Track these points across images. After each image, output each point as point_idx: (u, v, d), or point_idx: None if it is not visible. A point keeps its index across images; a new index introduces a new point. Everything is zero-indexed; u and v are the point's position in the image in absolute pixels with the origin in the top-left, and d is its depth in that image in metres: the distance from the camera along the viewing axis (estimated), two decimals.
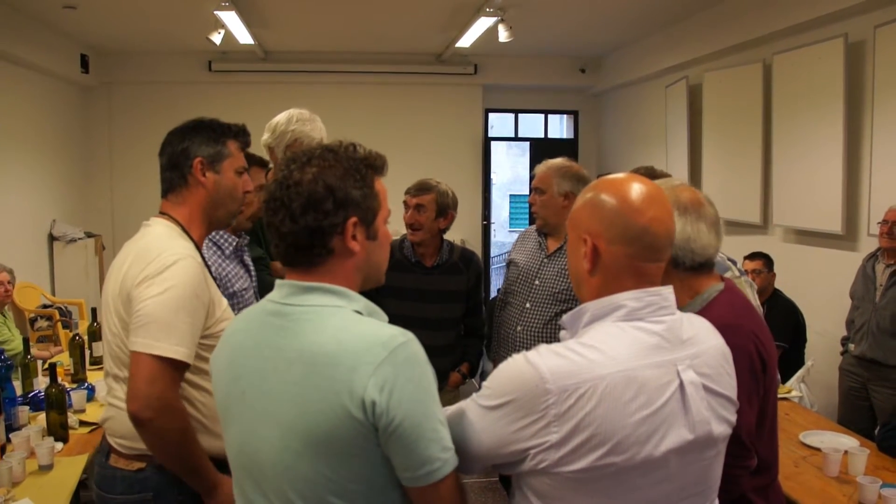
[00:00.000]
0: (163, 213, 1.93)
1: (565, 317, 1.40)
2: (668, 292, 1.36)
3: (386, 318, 1.39)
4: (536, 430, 1.23)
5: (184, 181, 1.92)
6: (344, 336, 1.27)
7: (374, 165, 1.40)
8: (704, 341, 1.39)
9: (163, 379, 1.69)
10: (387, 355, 1.24)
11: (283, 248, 1.36)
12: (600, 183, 1.40)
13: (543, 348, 1.29)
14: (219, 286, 2.40)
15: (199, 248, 1.91)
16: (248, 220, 2.60)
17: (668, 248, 1.37)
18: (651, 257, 1.34)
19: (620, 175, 1.42)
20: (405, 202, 3.27)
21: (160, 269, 1.73)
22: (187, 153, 1.90)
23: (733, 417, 1.40)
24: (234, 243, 2.54)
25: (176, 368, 1.71)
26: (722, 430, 1.36)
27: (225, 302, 1.93)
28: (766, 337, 1.77)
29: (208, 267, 1.92)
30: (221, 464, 1.66)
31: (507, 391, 1.26)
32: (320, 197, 1.31)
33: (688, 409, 1.29)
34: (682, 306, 1.68)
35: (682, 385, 1.29)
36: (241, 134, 2.00)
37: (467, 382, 3.60)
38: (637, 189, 1.34)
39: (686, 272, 1.73)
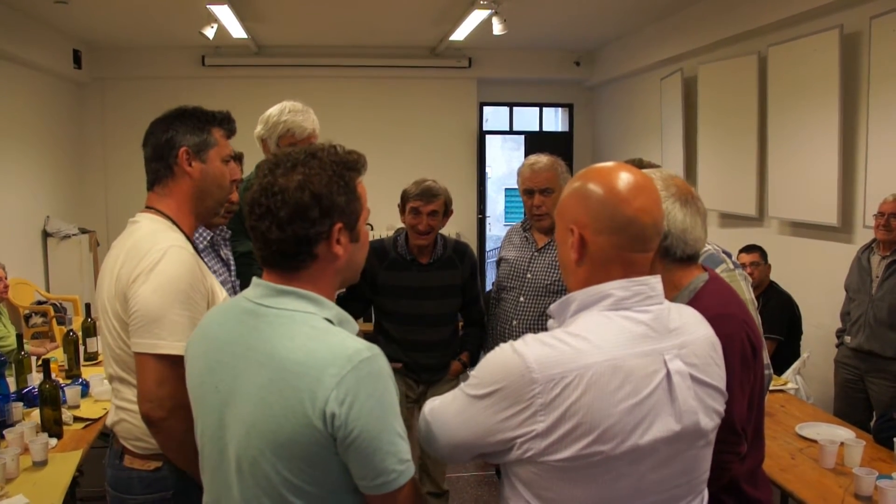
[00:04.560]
0: (149, 208, 1.89)
1: (553, 306, 1.40)
2: (655, 282, 1.35)
3: (356, 328, 1.41)
4: (523, 419, 1.24)
5: (170, 171, 1.87)
6: (312, 345, 1.30)
7: (354, 167, 1.41)
8: (692, 331, 1.38)
9: (172, 378, 1.67)
10: (350, 369, 1.26)
11: (267, 254, 1.37)
12: (588, 172, 1.39)
13: (530, 338, 1.30)
14: None
15: (190, 239, 1.88)
16: (221, 216, 2.53)
17: (656, 238, 1.36)
18: (638, 247, 1.33)
19: (608, 164, 1.41)
20: (416, 208, 3.22)
21: (151, 265, 1.70)
22: (172, 143, 1.86)
23: (722, 408, 1.40)
24: (209, 237, 2.52)
25: (183, 365, 1.69)
26: (710, 421, 1.35)
27: (224, 293, 1.90)
28: (754, 323, 1.78)
29: (201, 258, 1.90)
30: None
31: (493, 380, 1.28)
32: (307, 206, 1.32)
33: (674, 398, 1.29)
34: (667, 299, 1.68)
35: (668, 374, 1.29)
36: (225, 121, 1.96)
37: (467, 371, 3.62)
38: (624, 178, 1.33)
39: (672, 263, 1.72)
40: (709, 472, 1.41)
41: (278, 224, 1.32)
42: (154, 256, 1.71)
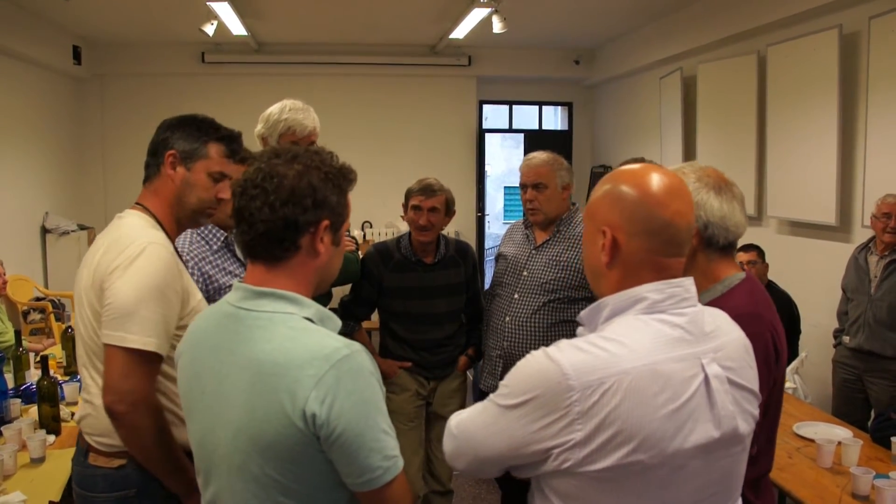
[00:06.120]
0: (138, 204, 1.93)
1: (583, 312, 1.36)
2: (689, 284, 1.32)
3: (339, 324, 1.42)
4: (559, 428, 1.19)
5: (157, 171, 1.92)
6: (290, 346, 1.31)
7: (347, 178, 1.44)
8: (727, 334, 1.35)
9: (137, 373, 1.69)
10: (328, 368, 1.27)
11: (251, 237, 1.37)
12: (619, 175, 1.36)
13: (564, 343, 1.25)
14: (204, 280, 2.39)
15: (171, 239, 1.90)
16: (229, 217, 2.54)
17: (688, 243, 1.33)
18: (671, 252, 1.30)
19: (638, 166, 1.37)
20: (417, 205, 3.26)
21: (130, 259, 1.73)
22: (165, 143, 1.91)
23: (756, 411, 1.37)
24: (223, 237, 2.54)
25: (150, 361, 1.71)
26: (747, 426, 1.33)
27: (199, 294, 1.92)
28: (782, 328, 1.77)
29: (181, 257, 1.92)
30: None
31: (527, 389, 1.22)
32: (303, 193, 1.35)
33: (713, 403, 1.25)
34: (702, 291, 1.67)
35: (706, 379, 1.25)
36: (227, 139, 1.96)
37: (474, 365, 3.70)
38: (659, 181, 1.30)
39: (715, 253, 1.70)
40: (744, 478, 1.39)
41: (271, 205, 1.34)
42: (133, 251, 1.74)
